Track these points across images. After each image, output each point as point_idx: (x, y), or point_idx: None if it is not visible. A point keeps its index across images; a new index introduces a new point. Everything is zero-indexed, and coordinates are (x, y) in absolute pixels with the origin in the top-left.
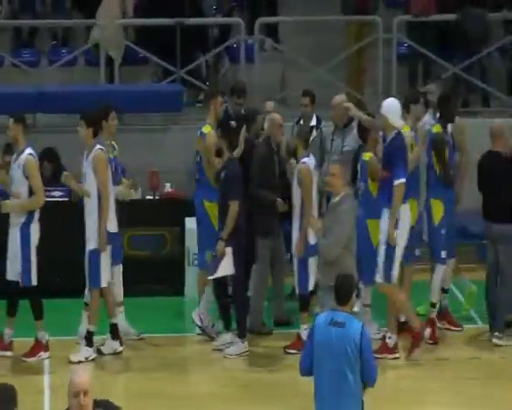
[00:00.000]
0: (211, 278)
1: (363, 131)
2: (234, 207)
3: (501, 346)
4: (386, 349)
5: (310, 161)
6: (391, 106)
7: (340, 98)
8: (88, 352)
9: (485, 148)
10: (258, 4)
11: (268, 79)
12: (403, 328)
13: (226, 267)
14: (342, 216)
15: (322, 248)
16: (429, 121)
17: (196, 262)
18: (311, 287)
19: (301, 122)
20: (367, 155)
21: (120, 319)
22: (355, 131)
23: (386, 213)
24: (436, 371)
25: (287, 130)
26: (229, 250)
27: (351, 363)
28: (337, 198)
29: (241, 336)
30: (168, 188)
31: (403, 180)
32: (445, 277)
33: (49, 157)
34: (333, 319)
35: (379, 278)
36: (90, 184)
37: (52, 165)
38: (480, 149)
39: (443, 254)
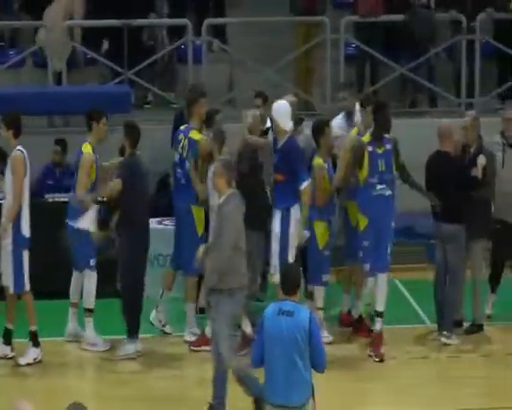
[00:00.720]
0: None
1: (316, 135)
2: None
3: (449, 345)
4: None
5: None
6: (280, 109)
7: (290, 98)
8: (35, 353)
9: (432, 148)
10: (206, 5)
11: (216, 79)
12: (357, 326)
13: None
14: (229, 216)
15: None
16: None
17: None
18: None
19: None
20: (317, 160)
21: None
22: (307, 132)
23: (278, 215)
24: (382, 371)
25: (236, 131)
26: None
27: (301, 350)
28: (222, 198)
29: (132, 336)
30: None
31: (307, 183)
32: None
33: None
34: (281, 308)
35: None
36: (8, 185)
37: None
38: (428, 150)
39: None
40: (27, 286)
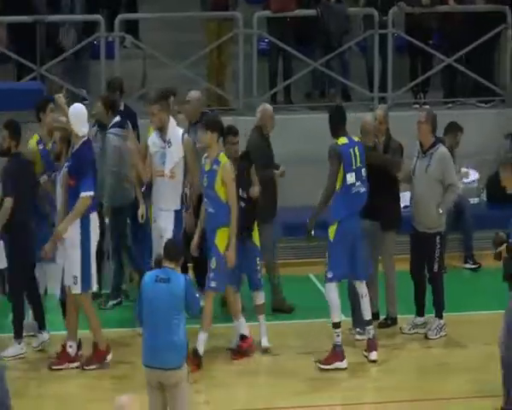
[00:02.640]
0: None
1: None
2: (7, 203)
3: (362, 340)
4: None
5: None
6: (76, 114)
7: (195, 94)
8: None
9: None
10: (118, 1)
11: (129, 75)
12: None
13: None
14: None
15: None
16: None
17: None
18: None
19: None
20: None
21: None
22: None
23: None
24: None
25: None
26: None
27: (177, 314)
28: None
29: (17, 336)
30: None
31: (90, 193)
32: None
33: None
34: (158, 275)
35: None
36: None
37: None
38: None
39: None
40: None
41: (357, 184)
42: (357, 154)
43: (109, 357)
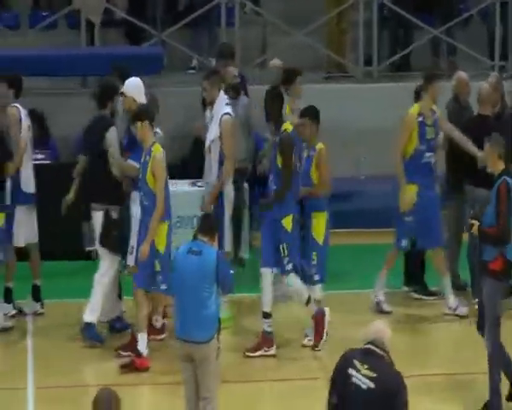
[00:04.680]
0: None
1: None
2: None
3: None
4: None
5: None
6: (135, 86)
7: (277, 61)
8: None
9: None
10: None
11: (248, 42)
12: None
13: None
14: None
15: None
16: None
17: None
18: None
19: None
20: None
21: None
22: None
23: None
24: None
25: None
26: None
27: (207, 287)
28: None
29: None
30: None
31: (136, 165)
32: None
33: (32, 118)
34: (191, 248)
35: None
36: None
37: (36, 126)
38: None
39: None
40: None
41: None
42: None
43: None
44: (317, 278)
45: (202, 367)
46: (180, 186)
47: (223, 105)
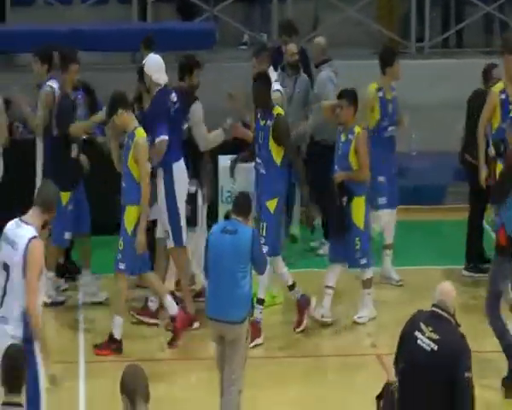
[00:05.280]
0: None
1: None
2: None
3: None
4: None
5: None
6: (155, 62)
7: (318, 39)
8: None
9: None
10: None
11: (300, 18)
12: None
13: None
14: None
15: None
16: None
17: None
18: None
19: None
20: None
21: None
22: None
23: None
24: None
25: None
26: None
27: (242, 267)
28: None
29: None
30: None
31: (165, 137)
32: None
33: (84, 91)
34: (225, 227)
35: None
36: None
37: (87, 99)
38: None
39: None
40: None
41: None
42: None
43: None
44: (363, 262)
45: (232, 348)
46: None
47: (272, 82)
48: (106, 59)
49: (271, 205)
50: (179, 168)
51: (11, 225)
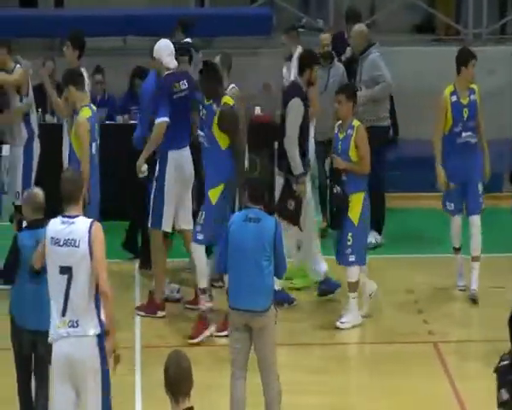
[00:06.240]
0: None
1: None
2: None
3: None
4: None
5: None
6: (160, 48)
7: (358, 27)
8: None
9: None
10: None
11: (358, 3)
12: None
13: None
14: None
15: None
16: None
17: None
18: None
19: None
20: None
21: None
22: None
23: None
24: None
25: None
26: None
27: (266, 256)
28: None
29: None
30: (258, 111)
31: (165, 119)
32: None
33: (139, 75)
34: (247, 215)
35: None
36: None
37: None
38: None
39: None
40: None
41: None
42: None
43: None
44: (351, 259)
45: (262, 337)
46: None
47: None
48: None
49: (214, 194)
50: (178, 156)
51: (58, 227)
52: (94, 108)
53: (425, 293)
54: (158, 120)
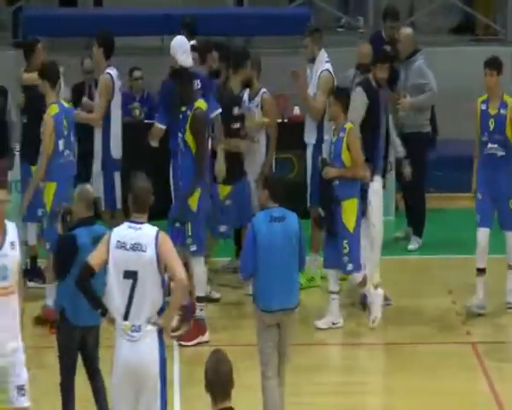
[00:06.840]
0: None
1: None
2: None
3: None
4: None
5: None
6: (175, 45)
7: (406, 30)
8: None
9: None
10: None
11: (396, 4)
12: None
13: None
14: None
15: None
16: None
17: None
18: None
19: None
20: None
21: None
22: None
23: None
24: None
25: None
26: None
27: (295, 253)
28: None
29: None
30: (297, 111)
31: (162, 126)
32: None
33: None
34: (272, 215)
35: None
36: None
37: None
38: None
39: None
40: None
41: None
42: None
43: None
44: (349, 268)
45: (289, 332)
46: None
47: (323, 62)
48: None
49: (193, 201)
50: None
51: (125, 232)
52: (66, 105)
53: (463, 294)
54: (156, 124)
